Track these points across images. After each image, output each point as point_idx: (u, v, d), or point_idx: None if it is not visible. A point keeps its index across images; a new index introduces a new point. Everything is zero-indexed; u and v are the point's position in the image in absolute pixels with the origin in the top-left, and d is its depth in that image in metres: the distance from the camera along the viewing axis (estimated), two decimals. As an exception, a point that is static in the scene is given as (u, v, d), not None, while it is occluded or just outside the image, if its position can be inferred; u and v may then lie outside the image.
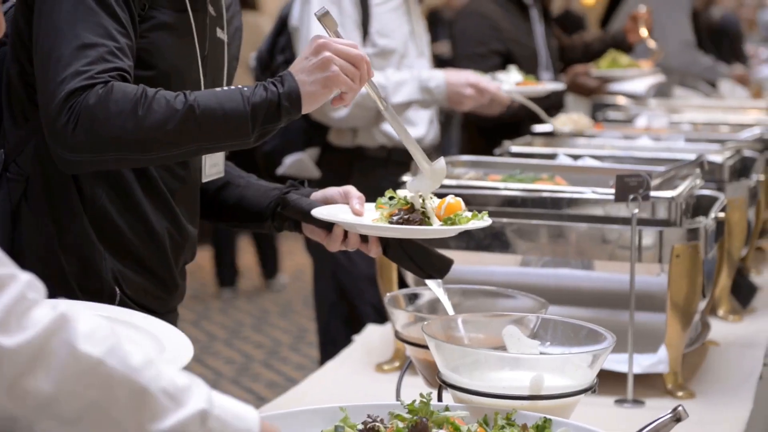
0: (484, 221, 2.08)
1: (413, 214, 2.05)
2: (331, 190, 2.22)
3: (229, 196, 2.33)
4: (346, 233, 2.16)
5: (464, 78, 3.59)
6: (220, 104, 1.96)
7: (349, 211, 2.15)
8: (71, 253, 2.07)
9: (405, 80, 3.51)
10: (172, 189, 2.17)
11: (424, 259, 2.14)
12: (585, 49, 5.02)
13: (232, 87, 2.02)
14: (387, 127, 3.68)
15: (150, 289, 2.17)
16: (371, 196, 2.71)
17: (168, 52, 2.11)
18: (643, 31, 4.96)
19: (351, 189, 2.20)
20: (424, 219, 2.04)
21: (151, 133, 1.92)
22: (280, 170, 3.75)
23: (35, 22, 2.02)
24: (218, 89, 2.02)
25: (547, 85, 4.16)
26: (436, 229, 2.05)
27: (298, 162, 3.72)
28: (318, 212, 2.12)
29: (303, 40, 3.54)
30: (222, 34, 2.24)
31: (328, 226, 2.16)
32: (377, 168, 3.67)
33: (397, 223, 2.05)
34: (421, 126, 3.77)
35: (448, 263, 2.14)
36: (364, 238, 2.16)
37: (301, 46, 3.56)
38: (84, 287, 2.06)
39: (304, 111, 2.01)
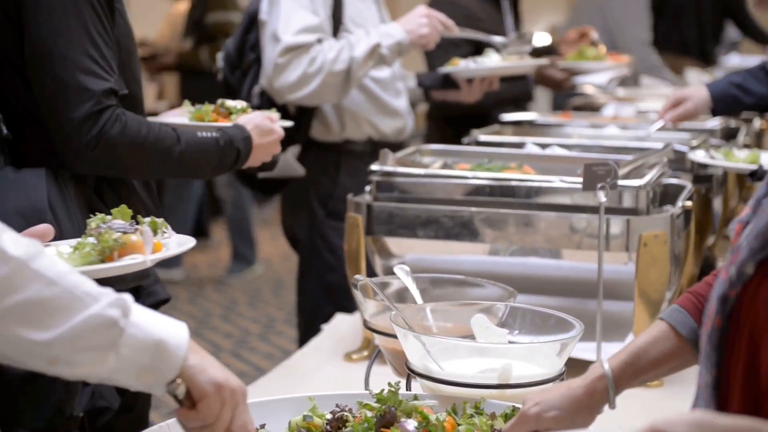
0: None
1: None
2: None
3: None
4: None
5: (412, 13, 3.57)
6: (200, 159, 2.54)
7: None
8: None
9: (361, 35, 3.49)
10: None
11: None
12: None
13: (213, 140, 2.56)
14: (374, 117, 3.65)
15: None
16: (359, 192, 2.72)
17: (126, 33, 2.47)
18: (602, 48, 4.89)
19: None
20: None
21: (142, 172, 2.50)
22: (262, 173, 3.68)
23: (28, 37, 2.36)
24: (200, 138, 2.54)
25: (530, 60, 4.12)
26: None
27: (281, 162, 3.66)
28: None
29: (268, 34, 3.50)
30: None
31: None
32: (363, 163, 3.62)
33: None
34: (400, 116, 3.73)
35: None
36: None
37: (265, 40, 3.52)
38: None
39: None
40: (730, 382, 1.32)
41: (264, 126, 2.68)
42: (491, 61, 3.94)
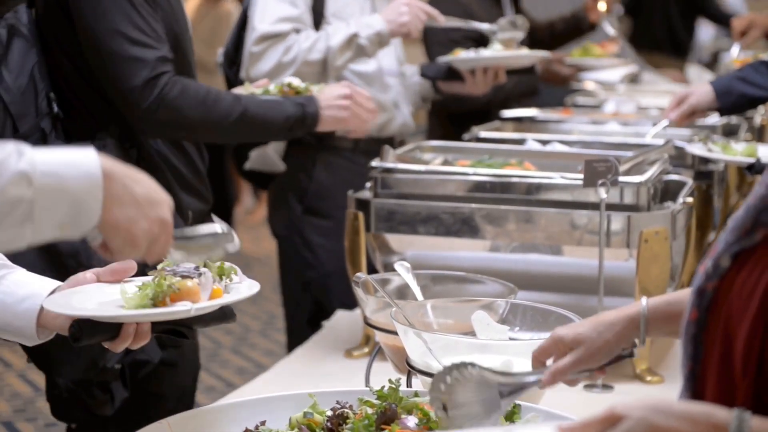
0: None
1: None
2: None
3: None
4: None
5: (393, 2, 3.52)
6: (265, 116, 2.75)
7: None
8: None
9: (341, 26, 3.42)
10: None
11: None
12: (550, 28, 4.95)
13: (278, 101, 2.77)
14: None
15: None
16: (338, 189, 2.70)
17: (174, 17, 2.69)
18: (602, 6, 4.85)
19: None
20: None
21: (209, 130, 2.71)
22: (247, 165, 3.66)
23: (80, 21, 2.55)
24: (262, 99, 2.77)
25: (532, 51, 4.09)
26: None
27: (262, 155, 3.64)
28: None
29: (249, 23, 3.46)
30: None
31: None
32: (343, 159, 3.58)
33: None
34: (385, 111, 3.68)
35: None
36: None
37: (246, 30, 3.48)
38: None
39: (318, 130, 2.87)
40: (707, 374, 1.33)
41: (328, 89, 2.87)
42: (491, 51, 3.90)
